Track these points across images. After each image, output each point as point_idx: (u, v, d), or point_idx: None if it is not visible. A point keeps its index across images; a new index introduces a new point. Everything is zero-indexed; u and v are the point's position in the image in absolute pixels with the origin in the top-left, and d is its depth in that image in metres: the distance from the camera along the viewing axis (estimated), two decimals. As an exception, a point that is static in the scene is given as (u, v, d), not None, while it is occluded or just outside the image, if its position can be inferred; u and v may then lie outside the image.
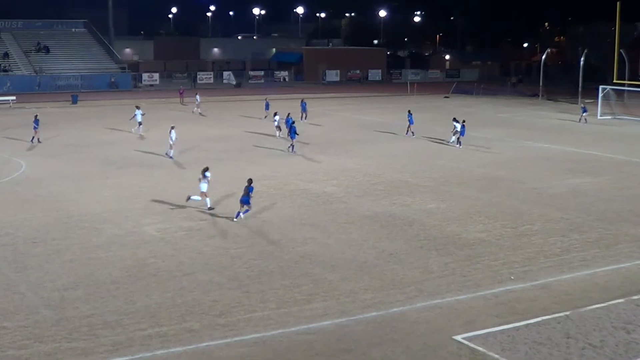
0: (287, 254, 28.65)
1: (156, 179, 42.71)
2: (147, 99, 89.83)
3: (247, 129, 63.52)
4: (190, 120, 70.25)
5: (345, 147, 53.74)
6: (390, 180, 42.69)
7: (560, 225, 33.38)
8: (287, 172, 44.56)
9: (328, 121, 69.38)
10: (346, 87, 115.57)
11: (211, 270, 26.71)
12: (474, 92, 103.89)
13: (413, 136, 59.67)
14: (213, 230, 31.95)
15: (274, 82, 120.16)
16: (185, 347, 20.23)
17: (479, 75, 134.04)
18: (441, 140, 57.85)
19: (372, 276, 26.21)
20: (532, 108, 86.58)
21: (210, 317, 22.30)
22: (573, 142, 58.15)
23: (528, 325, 21.75)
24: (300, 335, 21.14)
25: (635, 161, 50.17)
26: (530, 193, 39.88)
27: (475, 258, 28.43)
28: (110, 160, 48.30)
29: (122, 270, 26.58)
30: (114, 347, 20.17)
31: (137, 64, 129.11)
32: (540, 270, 27.10)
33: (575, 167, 47.34)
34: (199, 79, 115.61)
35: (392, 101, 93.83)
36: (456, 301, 23.90)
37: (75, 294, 24.16)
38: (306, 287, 24.98)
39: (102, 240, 30.26)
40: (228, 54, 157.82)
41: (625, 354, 19.94)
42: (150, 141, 56.51)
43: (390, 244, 30.19)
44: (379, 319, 22.35)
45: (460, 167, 46.87)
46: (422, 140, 58.58)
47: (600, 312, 22.92)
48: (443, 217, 34.59)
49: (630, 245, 30.36)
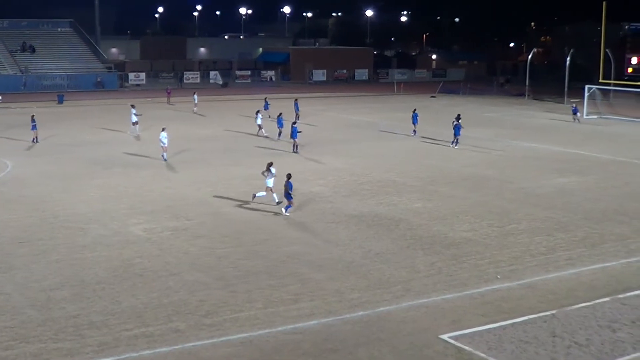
0: (273, 254, 28.62)
1: (142, 179, 42.61)
2: (133, 99, 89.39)
3: (234, 129, 63.45)
4: (176, 120, 70.06)
5: (332, 147, 53.73)
6: (378, 179, 42.70)
7: (547, 224, 33.47)
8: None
9: (315, 121, 69.33)
10: (333, 86, 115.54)
11: (197, 270, 26.66)
12: (461, 92, 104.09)
13: (414, 135, 59.83)
14: (199, 230, 31.89)
15: (261, 82, 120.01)
16: (172, 347, 20.18)
17: (466, 75, 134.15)
18: (430, 139, 57.94)
19: (358, 276, 26.21)
20: (519, 108, 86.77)
21: (197, 317, 22.25)
22: (560, 142, 58.31)
23: (514, 324, 21.80)
24: (287, 335, 21.12)
25: (621, 160, 50.35)
26: (517, 192, 39.97)
27: (462, 257, 28.47)
28: (97, 161, 48.16)
29: (108, 270, 26.50)
30: (100, 347, 20.11)
31: (123, 64, 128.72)
32: (526, 269, 27.17)
33: (561, 167, 47.47)
34: (186, 78, 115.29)
35: (379, 101, 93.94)
36: (443, 300, 23.93)
37: (61, 294, 24.07)
38: (293, 287, 24.96)
39: (88, 241, 30.17)
40: (215, 54, 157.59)
41: (611, 353, 20.01)
42: (137, 141, 56.38)
43: (377, 243, 30.20)
44: (366, 318, 22.35)
45: (447, 167, 46.94)
46: (410, 139, 58.65)
47: (586, 310, 22.99)
48: (430, 216, 34.63)
49: (616, 244, 30.46)
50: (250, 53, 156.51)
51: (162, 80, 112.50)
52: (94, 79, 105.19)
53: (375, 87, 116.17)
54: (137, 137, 58.32)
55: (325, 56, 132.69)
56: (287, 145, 53.51)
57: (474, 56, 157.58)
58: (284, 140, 55.40)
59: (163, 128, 48.50)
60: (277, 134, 56.75)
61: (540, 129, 66.97)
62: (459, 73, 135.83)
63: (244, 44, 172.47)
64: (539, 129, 66.55)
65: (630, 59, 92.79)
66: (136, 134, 59.11)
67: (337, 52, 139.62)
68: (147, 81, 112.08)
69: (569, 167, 47.59)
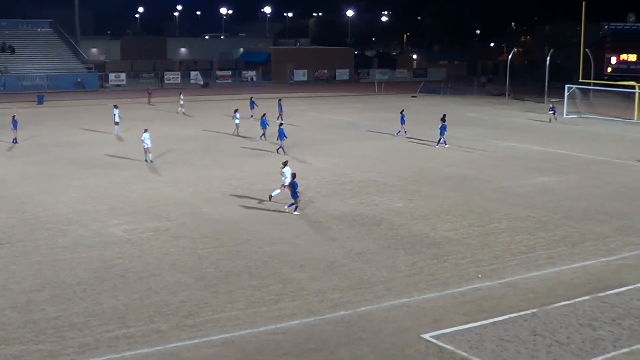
0: (255, 254, 28.59)
1: (123, 179, 42.46)
2: (114, 99, 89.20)
3: (215, 129, 63.35)
4: (157, 120, 69.88)
5: (314, 147, 53.73)
6: (359, 179, 42.74)
7: (527, 223, 33.59)
8: (256, 172, 44.47)
9: (296, 121, 69.29)
10: (314, 86, 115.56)
11: (179, 271, 26.60)
12: (442, 92, 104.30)
13: (405, 134, 59.83)
14: (180, 230, 31.82)
15: (242, 82, 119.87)
16: (153, 348, 20.13)
17: (447, 74, 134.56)
18: (411, 139, 58.07)
19: (340, 276, 26.23)
20: (500, 107, 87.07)
21: (178, 318, 22.20)
22: (540, 141, 58.55)
23: (495, 323, 21.87)
24: (269, 335, 21.11)
25: (601, 160, 50.61)
26: (497, 192, 40.09)
27: (443, 257, 28.54)
28: (77, 161, 47.97)
29: (89, 271, 26.40)
30: (81, 348, 20.03)
31: (103, 64, 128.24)
32: (507, 269, 27.26)
33: (542, 166, 47.67)
34: (166, 79, 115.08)
35: (360, 101, 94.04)
36: (424, 300, 23.97)
37: (42, 295, 23.96)
38: (274, 287, 24.94)
39: (68, 242, 30.05)
40: (195, 54, 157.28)
41: (592, 351, 20.10)
42: (118, 142, 56.19)
43: (358, 243, 30.22)
44: (347, 318, 22.36)
45: (428, 167, 47.03)
46: (391, 139, 58.72)
47: (567, 309, 23.09)
48: (411, 216, 34.69)
49: (596, 243, 30.61)
50: (231, 53, 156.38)
51: (143, 80, 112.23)
52: (74, 79, 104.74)
53: (356, 87, 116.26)
54: (119, 137, 58.00)
55: (306, 56, 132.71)
56: (268, 145, 53.52)
57: (455, 56, 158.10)
58: (268, 140, 55.44)
59: (145, 129, 47.97)
60: (261, 135, 56.60)
61: (520, 128, 67.22)
62: (439, 73, 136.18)
63: (225, 44, 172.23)
64: (519, 129, 66.80)
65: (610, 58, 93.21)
66: (117, 134, 58.79)
67: (318, 52, 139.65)
68: (127, 81, 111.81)
69: (550, 166, 47.79)
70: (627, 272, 27.08)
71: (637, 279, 26.11)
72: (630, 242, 30.90)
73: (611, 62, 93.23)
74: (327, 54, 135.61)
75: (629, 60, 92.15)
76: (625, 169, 47.29)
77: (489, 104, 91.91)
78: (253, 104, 71.56)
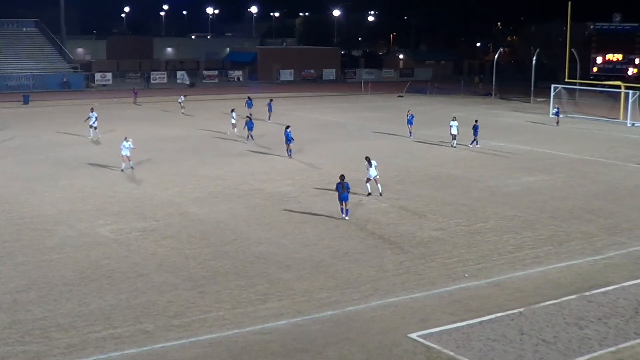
0: (242, 254, 28.57)
1: (109, 180, 42.35)
2: (100, 99, 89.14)
3: (201, 129, 63.25)
4: (143, 120, 69.82)
5: (301, 147, 53.66)
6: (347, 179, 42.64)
7: (514, 222, 33.68)
8: (242, 172, 44.44)
9: (283, 121, 69.15)
10: (300, 86, 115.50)
11: (166, 271, 26.55)
12: (428, 91, 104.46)
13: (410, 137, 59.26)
14: (167, 230, 31.76)
15: (228, 82, 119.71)
16: (140, 349, 20.08)
17: (433, 74, 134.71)
18: (397, 135, 58.15)
19: (327, 275, 26.23)
20: (486, 107, 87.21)
21: (165, 318, 22.16)
22: (526, 141, 58.69)
23: (482, 323, 21.91)
24: (256, 335, 21.09)
25: (587, 159, 50.77)
26: (484, 191, 40.17)
27: (430, 256, 28.57)
28: (63, 161, 47.80)
29: (76, 272, 26.32)
30: (67, 349, 19.97)
31: (89, 64, 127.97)
32: (493, 268, 27.32)
33: (528, 166, 47.79)
34: (153, 78, 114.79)
35: (347, 100, 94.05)
36: (411, 299, 23.99)
37: (28, 296, 23.88)
38: (261, 287, 24.93)
39: (54, 242, 29.95)
40: (182, 54, 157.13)
41: (578, 350, 20.17)
42: (103, 142, 56.01)
43: (345, 243, 30.23)
44: (335, 318, 22.37)
45: (415, 166, 47.08)
46: (378, 139, 58.78)
47: (553, 308, 23.16)
48: (398, 215, 34.72)
49: (582, 242, 30.71)
50: (218, 53, 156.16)
51: (129, 80, 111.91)
52: (60, 79, 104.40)
53: (343, 86, 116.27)
54: (97, 140, 57.06)
55: (293, 56, 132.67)
56: (254, 146, 53.50)
57: (441, 56, 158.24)
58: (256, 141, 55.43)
59: (125, 137, 45.57)
60: (247, 137, 56.44)
61: (506, 128, 67.36)
62: (426, 73, 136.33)
63: (211, 44, 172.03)
64: (505, 128, 66.95)
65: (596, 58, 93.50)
66: (91, 137, 57.67)
67: (305, 52, 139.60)
68: (113, 81, 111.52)
69: (536, 165, 47.91)
70: (613, 271, 27.18)
71: (623, 278, 26.23)
72: (616, 241, 31.02)
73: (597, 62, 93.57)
74: (314, 54, 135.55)
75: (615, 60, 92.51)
76: (611, 168, 47.46)
77: (476, 103, 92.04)
78: (250, 103, 71.53)
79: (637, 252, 29.55)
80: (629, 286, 25.39)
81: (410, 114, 59.91)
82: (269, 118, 68.11)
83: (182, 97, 76.37)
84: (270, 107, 68.85)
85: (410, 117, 59.69)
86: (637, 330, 21.57)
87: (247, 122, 56.61)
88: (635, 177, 44.64)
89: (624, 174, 45.60)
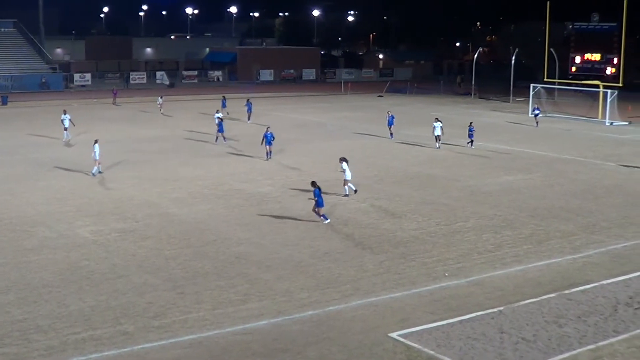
0: (222, 255, 28.52)
1: (88, 180, 42.17)
2: (79, 100, 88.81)
3: (180, 129, 63.09)
4: (122, 120, 69.59)
5: (280, 147, 53.58)
6: (325, 179, 42.62)
7: (493, 222, 33.79)
8: (222, 173, 44.38)
9: (263, 121, 69.16)
10: (280, 86, 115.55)
11: (145, 271, 26.47)
12: (408, 91, 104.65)
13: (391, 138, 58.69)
14: (147, 231, 31.66)
15: (208, 82, 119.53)
16: (120, 350, 20.01)
17: (413, 74, 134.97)
18: (376, 135, 58.21)
19: (307, 275, 26.23)
20: (465, 106, 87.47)
21: (145, 319, 22.09)
22: (505, 140, 58.92)
23: (462, 321, 21.96)
24: (236, 335, 21.06)
25: (566, 158, 51.00)
26: (463, 190, 40.28)
27: (410, 256, 28.62)
28: (41, 162, 47.57)
29: (55, 273, 26.19)
30: (47, 351, 19.86)
31: (68, 64, 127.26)
32: (473, 267, 27.39)
33: (507, 165, 47.96)
34: (132, 79, 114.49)
35: (327, 100, 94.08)
36: (391, 299, 24.02)
37: (7, 298, 23.73)
38: (242, 288, 24.89)
39: (33, 244, 29.79)
40: (161, 54, 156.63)
41: (558, 348, 20.25)
42: (82, 143, 55.72)
43: (325, 243, 30.23)
44: (315, 318, 22.37)
45: (394, 166, 47.15)
46: (358, 139, 58.80)
47: (533, 306, 23.25)
48: (377, 215, 34.75)
49: (561, 241, 30.85)
50: (197, 53, 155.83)
51: (108, 80, 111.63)
52: (38, 79, 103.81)
53: (323, 86, 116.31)
54: (68, 143, 56.37)
55: (273, 56, 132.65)
56: (229, 146, 53.42)
57: (421, 56, 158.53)
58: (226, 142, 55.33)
59: (96, 140, 44.41)
60: (215, 138, 56.05)
61: (486, 127, 67.46)
62: (406, 72, 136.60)
63: (191, 44, 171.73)
64: (484, 128, 67.02)
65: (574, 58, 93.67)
66: (66, 140, 57.07)
67: (285, 52, 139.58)
68: (92, 82, 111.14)
69: (515, 165, 48.09)
70: (592, 269, 27.31)
71: (602, 276, 26.36)
72: (595, 239, 31.17)
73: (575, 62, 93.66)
74: (294, 54, 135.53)
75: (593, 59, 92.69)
76: (589, 168, 47.69)
77: (455, 103, 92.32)
78: (224, 103, 71.47)
79: (616, 251, 29.73)
80: (608, 284, 25.53)
81: (390, 114, 59.73)
82: (249, 118, 67.97)
83: (160, 99, 76.16)
84: (250, 108, 68.72)
85: (390, 118, 59.32)
86: (616, 328, 21.69)
87: (219, 123, 56.11)
88: (613, 176, 44.89)
89: (603, 173, 45.84)
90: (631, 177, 44.50)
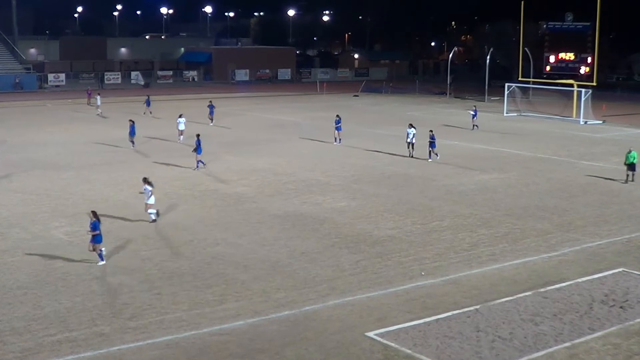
0: (198, 255, 28.45)
1: (63, 181, 41.94)
2: (53, 100, 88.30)
3: (154, 130, 62.82)
4: (97, 121, 69.23)
5: (256, 147, 53.61)
6: (302, 179, 42.75)
7: (469, 220, 33.90)
8: (197, 173, 44.25)
9: (238, 121, 69.13)
10: (256, 86, 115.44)
11: (121, 272, 26.34)
12: (383, 91, 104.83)
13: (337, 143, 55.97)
14: (122, 232, 31.52)
15: (183, 82, 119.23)
16: (96, 352, 19.91)
17: (388, 74, 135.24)
18: (352, 135, 58.21)
19: (284, 275, 26.21)
20: (441, 106, 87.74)
21: (121, 321, 21.99)
22: (481, 139, 59.13)
23: (439, 320, 22.03)
24: (213, 336, 21.02)
25: (541, 157, 51.26)
26: (439, 190, 40.39)
27: (386, 255, 28.67)
28: (15, 163, 47.21)
29: (30, 275, 26.03)
30: (22, 353, 19.74)
31: (42, 65, 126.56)
32: (450, 266, 27.48)
33: (483, 164, 48.13)
34: (107, 79, 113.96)
35: (302, 100, 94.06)
36: (368, 298, 24.05)
37: (-19, 300, 23.59)
38: (218, 288, 24.84)
39: (8, 245, 29.59)
40: (136, 54, 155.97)
41: (534, 346, 20.35)
42: (56, 143, 55.45)
43: (302, 242, 30.23)
44: (292, 317, 22.36)
45: (370, 165, 47.20)
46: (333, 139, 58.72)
47: (509, 305, 23.36)
48: (354, 215, 34.78)
49: (537, 240, 31.00)
50: (172, 53, 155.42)
51: (83, 81, 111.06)
52: (12, 80, 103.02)
53: (298, 86, 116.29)
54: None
55: (248, 56, 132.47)
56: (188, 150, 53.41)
57: (396, 55, 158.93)
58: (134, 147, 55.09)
59: None
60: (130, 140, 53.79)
61: (461, 126, 67.71)
62: (381, 72, 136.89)
63: (166, 44, 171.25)
64: (460, 127, 67.30)
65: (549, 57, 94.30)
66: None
67: (260, 51, 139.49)
68: (67, 82, 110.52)
69: (491, 164, 48.28)
70: (567, 267, 27.48)
71: (577, 274, 26.53)
72: (570, 238, 31.36)
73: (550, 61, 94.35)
74: (269, 54, 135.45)
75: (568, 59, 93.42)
76: (564, 166, 47.97)
77: (430, 102, 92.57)
78: (149, 102, 71.94)
79: (591, 249, 29.93)
80: (583, 282, 25.70)
81: (338, 117, 56.98)
82: (212, 121, 66.76)
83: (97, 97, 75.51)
84: (212, 110, 67.39)
85: (337, 121, 56.44)
86: (592, 325, 21.83)
87: (131, 126, 53.66)
88: (588, 175, 45.15)
89: (577, 172, 46.11)
90: (605, 176, 44.75)
